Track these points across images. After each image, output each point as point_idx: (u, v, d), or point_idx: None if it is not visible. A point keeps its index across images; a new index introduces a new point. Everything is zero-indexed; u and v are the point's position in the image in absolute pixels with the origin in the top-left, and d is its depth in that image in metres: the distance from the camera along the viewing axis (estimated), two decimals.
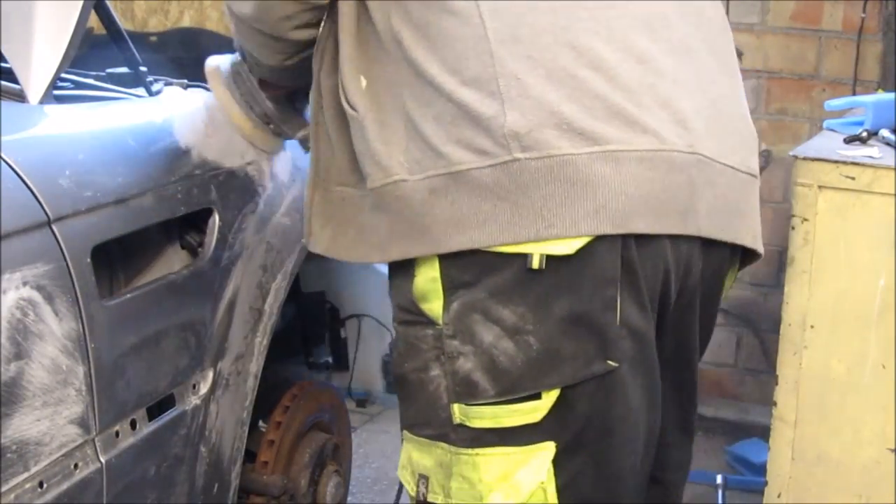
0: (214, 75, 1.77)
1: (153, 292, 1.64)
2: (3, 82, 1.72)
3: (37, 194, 1.44)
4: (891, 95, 2.33)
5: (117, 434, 1.54)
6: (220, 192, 1.78)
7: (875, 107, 2.27)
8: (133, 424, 1.58)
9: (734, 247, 1.51)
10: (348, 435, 2.40)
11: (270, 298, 1.91)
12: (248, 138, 1.81)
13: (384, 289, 1.52)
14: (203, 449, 1.77)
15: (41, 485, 1.40)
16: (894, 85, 3.04)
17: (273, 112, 1.77)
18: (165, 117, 1.79)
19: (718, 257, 1.49)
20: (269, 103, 1.76)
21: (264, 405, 2.02)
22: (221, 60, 1.78)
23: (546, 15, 1.36)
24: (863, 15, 3.15)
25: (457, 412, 1.40)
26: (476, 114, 1.34)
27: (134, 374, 1.57)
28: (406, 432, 1.48)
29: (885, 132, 2.19)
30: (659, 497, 1.59)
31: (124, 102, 1.90)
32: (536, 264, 1.32)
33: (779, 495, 2.20)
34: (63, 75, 1.86)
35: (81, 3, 1.70)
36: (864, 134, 2.18)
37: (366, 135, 1.42)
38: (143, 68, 1.97)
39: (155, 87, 1.95)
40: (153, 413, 1.64)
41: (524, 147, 1.32)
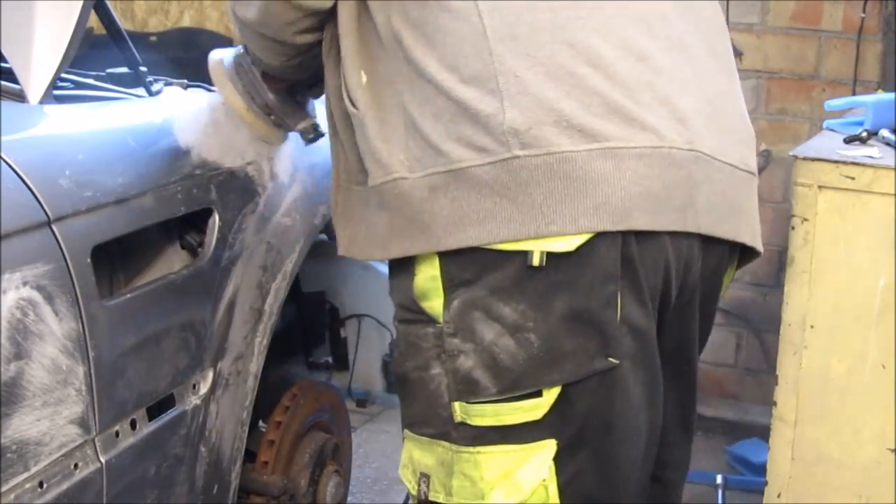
0: (217, 68, 1.77)
1: (153, 292, 1.64)
2: (3, 82, 1.72)
3: (37, 194, 1.44)
4: (891, 95, 2.33)
5: (117, 434, 1.54)
6: (220, 192, 1.78)
7: (875, 107, 2.27)
8: (133, 424, 1.58)
9: (733, 245, 1.51)
10: (348, 435, 2.40)
11: (270, 298, 1.90)
12: (250, 129, 1.81)
13: (384, 289, 1.52)
14: (203, 449, 1.77)
15: (41, 485, 1.40)
16: (894, 85, 3.03)
17: (275, 103, 1.77)
18: (165, 117, 1.79)
19: (718, 255, 1.49)
20: (271, 95, 1.76)
21: (264, 405, 2.02)
22: (224, 54, 1.78)
23: (545, 13, 1.37)
24: (863, 15, 3.14)
25: (458, 410, 1.40)
26: (475, 111, 1.34)
27: (134, 374, 1.57)
28: (407, 431, 1.49)
29: (885, 132, 2.19)
30: (659, 495, 1.59)
31: (124, 102, 1.90)
32: (537, 261, 1.33)
33: (779, 495, 2.20)
34: (63, 75, 1.86)
35: (81, 3, 1.70)
36: (864, 134, 2.18)
37: (366, 133, 1.42)
38: (143, 68, 1.96)
39: (155, 87, 1.95)
40: (153, 413, 1.64)
41: (523, 144, 1.32)
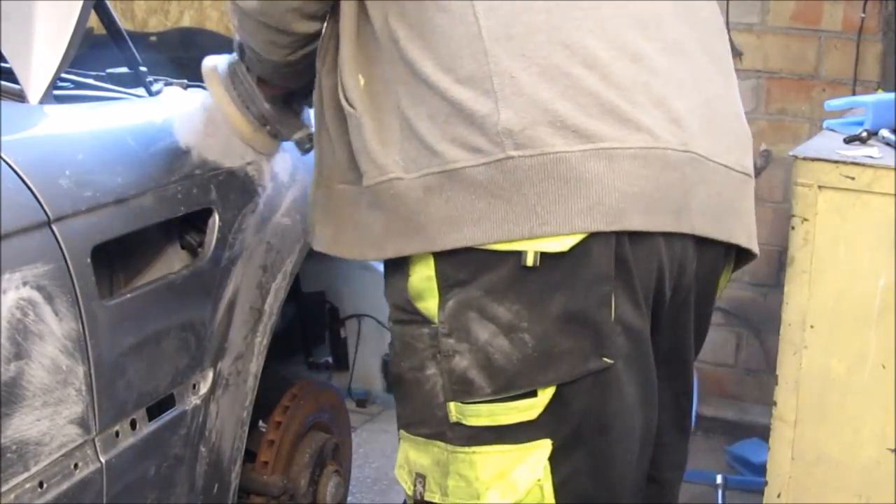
0: (211, 75, 1.77)
1: (153, 292, 1.64)
2: (3, 82, 1.72)
3: (37, 194, 1.44)
4: (891, 95, 2.33)
5: (117, 434, 1.55)
6: (220, 192, 1.78)
7: (875, 107, 2.27)
8: (133, 424, 1.58)
9: (729, 246, 1.51)
10: (348, 435, 2.40)
11: (270, 298, 1.91)
12: (245, 139, 1.81)
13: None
14: (203, 449, 1.77)
15: (41, 485, 1.40)
16: (894, 85, 3.03)
17: (270, 113, 1.76)
18: (165, 117, 1.78)
19: (713, 256, 1.49)
20: (267, 104, 1.75)
21: (264, 405, 2.02)
22: (218, 60, 1.78)
23: (540, 14, 1.37)
24: (863, 15, 3.14)
25: (453, 410, 1.40)
26: (470, 112, 1.34)
27: (134, 374, 1.57)
28: (403, 431, 1.49)
29: (885, 132, 2.19)
30: (656, 496, 1.59)
31: (124, 102, 1.90)
32: (531, 262, 1.33)
33: (779, 495, 2.20)
34: (63, 75, 1.86)
35: (81, 3, 1.70)
36: (864, 134, 2.18)
37: (362, 133, 1.42)
38: (143, 68, 1.97)
39: (155, 87, 1.95)
40: (153, 413, 1.64)
41: (518, 145, 1.33)
